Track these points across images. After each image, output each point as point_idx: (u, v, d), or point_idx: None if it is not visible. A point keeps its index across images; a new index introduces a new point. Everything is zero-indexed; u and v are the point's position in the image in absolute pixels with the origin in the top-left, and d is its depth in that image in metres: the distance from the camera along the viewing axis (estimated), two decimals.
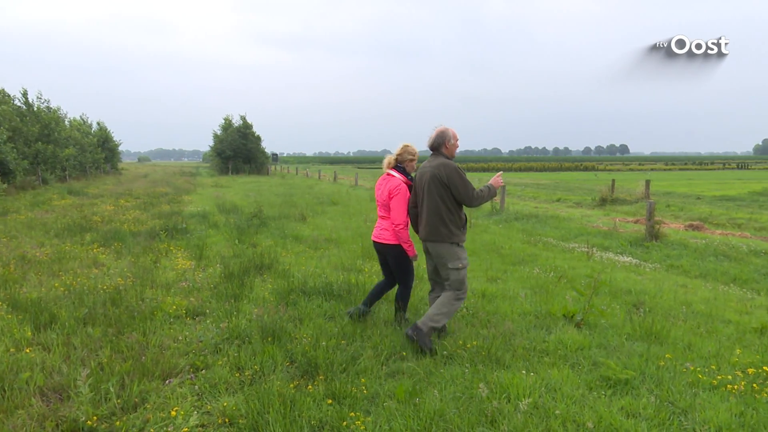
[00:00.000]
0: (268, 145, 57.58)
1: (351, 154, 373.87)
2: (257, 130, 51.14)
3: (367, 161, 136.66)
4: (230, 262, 7.38)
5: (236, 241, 9.42)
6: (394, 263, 4.77)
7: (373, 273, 6.97)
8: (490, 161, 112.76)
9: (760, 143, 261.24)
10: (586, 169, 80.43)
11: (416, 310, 5.31)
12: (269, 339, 4.36)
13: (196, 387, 3.60)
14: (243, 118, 50.44)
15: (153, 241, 9.21)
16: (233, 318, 4.90)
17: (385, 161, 4.78)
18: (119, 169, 52.38)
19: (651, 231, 10.73)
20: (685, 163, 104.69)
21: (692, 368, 3.97)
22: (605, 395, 3.55)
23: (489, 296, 5.95)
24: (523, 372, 3.84)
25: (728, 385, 3.69)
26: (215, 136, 50.23)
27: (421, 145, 4.66)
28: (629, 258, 9.25)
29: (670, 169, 77.90)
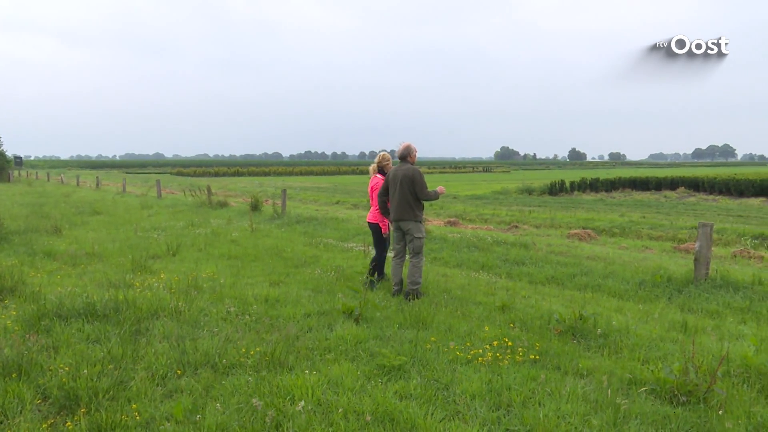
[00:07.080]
0: (9, 148, 48.83)
1: (118, 158, 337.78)
2: None
3: (137, 165, 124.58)
4: None
5: None
6: (376, 236, 7.25)
7: (145, 287, 6.40)
8: (271, 165, 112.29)
9: (499, 150, 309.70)
10: (362, 172, 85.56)
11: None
12: (13, 375, 3.70)
13: None
14: None
15: None
16: None
17: (371, 168, 7.50)
18: None
19: None
20: (444, 167, 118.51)
21: (452, 347, 4.53)
22: (382, 382, 3.84)
23: (272, 300, 5.94)
24: (307, 372, 3.93)
25: (479, 358, 4.30)
26: None
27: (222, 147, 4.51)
28: None
29: (431, 172, 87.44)
